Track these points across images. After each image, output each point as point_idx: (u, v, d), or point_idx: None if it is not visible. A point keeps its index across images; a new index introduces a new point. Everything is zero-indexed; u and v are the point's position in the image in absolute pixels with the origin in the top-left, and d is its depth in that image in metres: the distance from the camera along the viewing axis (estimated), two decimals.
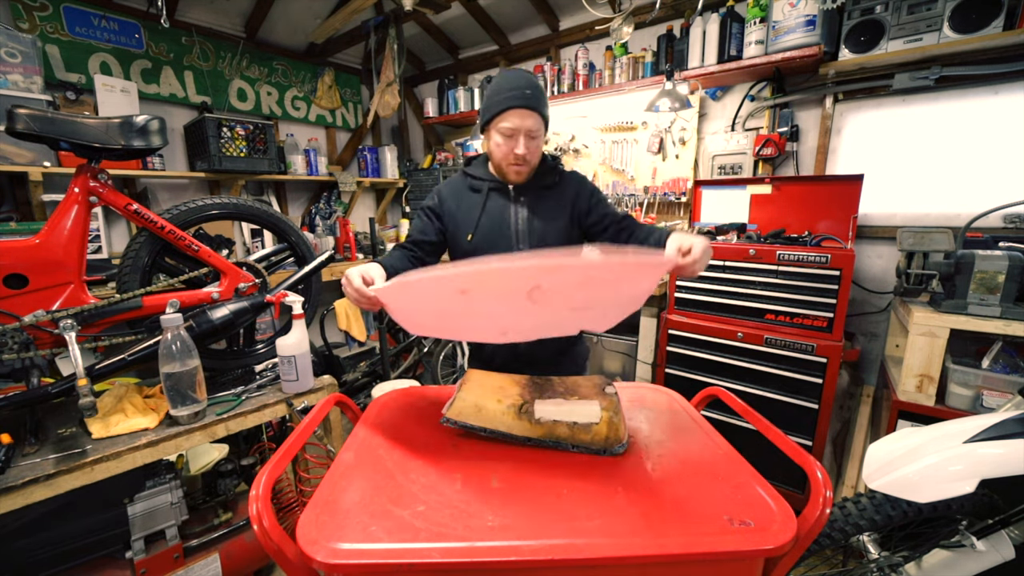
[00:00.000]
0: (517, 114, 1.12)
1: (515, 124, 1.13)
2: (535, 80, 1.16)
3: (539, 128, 1.16)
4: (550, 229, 1.22)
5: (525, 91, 1.12)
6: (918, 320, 1.55)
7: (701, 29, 2.31)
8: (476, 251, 1.22)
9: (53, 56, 2.33)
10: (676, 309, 2.15)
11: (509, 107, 1.12)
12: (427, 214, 1.28)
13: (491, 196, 1.24)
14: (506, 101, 1.12)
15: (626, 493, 0.63)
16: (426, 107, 3.63)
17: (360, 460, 0.72)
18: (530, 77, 1.16)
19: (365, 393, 2.90)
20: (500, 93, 1.14)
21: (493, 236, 1.22)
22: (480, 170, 1.27)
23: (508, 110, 1.12)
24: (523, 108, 1.12)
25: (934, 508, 1.03)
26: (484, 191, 1.24)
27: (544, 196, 1.25)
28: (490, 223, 1.22)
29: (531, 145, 1.16)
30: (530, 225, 1.22)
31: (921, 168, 2.06)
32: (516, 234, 1.22)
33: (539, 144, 1.19)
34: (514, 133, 1.14)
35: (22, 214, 2.24)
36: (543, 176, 1.25)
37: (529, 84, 1.13)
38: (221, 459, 1.56)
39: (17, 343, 1.08)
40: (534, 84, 1.14)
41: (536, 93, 1.13)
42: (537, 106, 1.13)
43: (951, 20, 1.74)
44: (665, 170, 2.69)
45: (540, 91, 1.15)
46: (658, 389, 0.99)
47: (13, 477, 0.95)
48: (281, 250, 1.66)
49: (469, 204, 1.25)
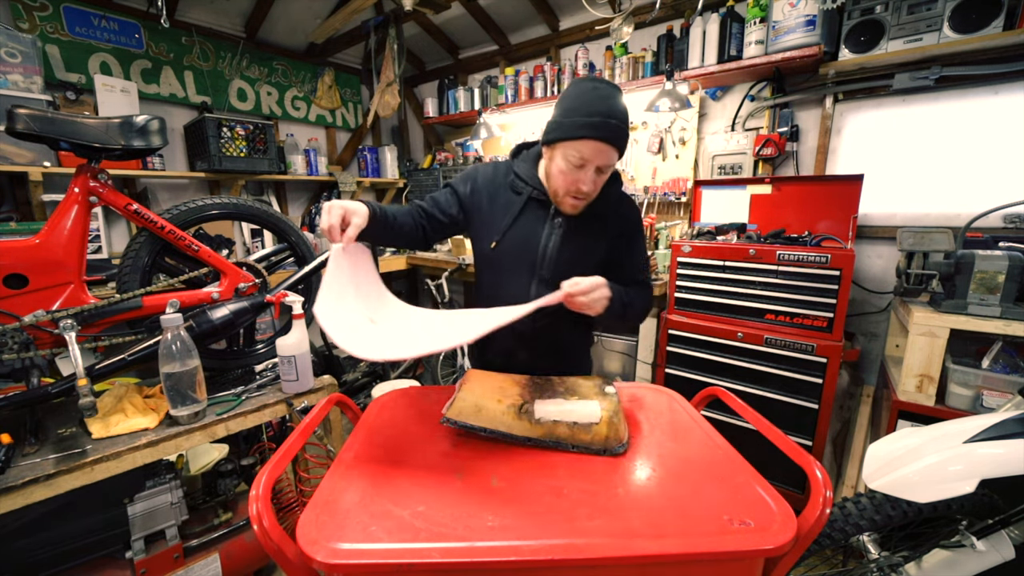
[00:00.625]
0: (594, 147, 0.95)
1: (588, 156, 0.96)
2: (622, 105, 0.96)
3: (613, 163, 0.99)
4: (579, 264, 1.08)
5: (610, 121, 0.93)
6: (918, 320, 1.55)
7: (701, 29, 2.31)
8: (498, 261, 1.13)
9: (53, 56, 2.33)
10: (676, 309, 2.15)
11: (587, 136, 0.94)
12: (453, 196, 1.17)
13: (529, 205, 1.11)
14: (586, 129, 0.94)
15: (626, 493, 0.63)
16: (426, 107, 3.64)
17: (360, 460, 0.72)
18: (618, 101, 0.96)
19: (365, 393, 2.90)
20: (580, 113, 0.95)
21: (517, 250, 1.11)
22: (529, 171, 1.12)
23: (585, 139, 0.95)
24: (603, 143, 0.94)
25: (934, 508, 1.03)
26: (524, 197, 1.11)
27: (586, 226, 1.10)
28: (519, 236, 1.11)
29: (599, 180, 1.01)
30: (559, 254, 1.09)
31: (921, 168, 2.06)
32: (541, 258, 1.10)
33: (605, 180, 1.03)
34: (584, 164, 0.97)
35: (22, 214, 2.24)
36: (592, 201, 1.08)
37: (616, 113, 0.94)
38: (221, 459, 1.56)
39: (17, 343, 1.08)
40: (621, 113, 0.95)
41: (622, 125, 0.95)
42: (620, 142, 0.96)
43: (951, 20, 1.74)
44: (665, 170, 2.69)
45: (626, 120, 0.97)
46: (658, 389, 0.99)
47: (13, 477, 0.95)
48: (281, 250, 1.66)
49: (503, 204, 1.13)
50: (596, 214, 1.09)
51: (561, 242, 1.09)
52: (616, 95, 0.97)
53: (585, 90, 0.97)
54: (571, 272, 1.05)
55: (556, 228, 1.10)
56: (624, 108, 0.97)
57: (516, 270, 1.13)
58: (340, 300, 0.86)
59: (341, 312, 0.83)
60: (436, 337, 0.88)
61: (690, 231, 2.39)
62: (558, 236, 1.09)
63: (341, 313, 0.83)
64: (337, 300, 0.84)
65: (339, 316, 0.81)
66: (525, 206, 1.11)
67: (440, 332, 0.90)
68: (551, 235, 1.10)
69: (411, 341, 0.87)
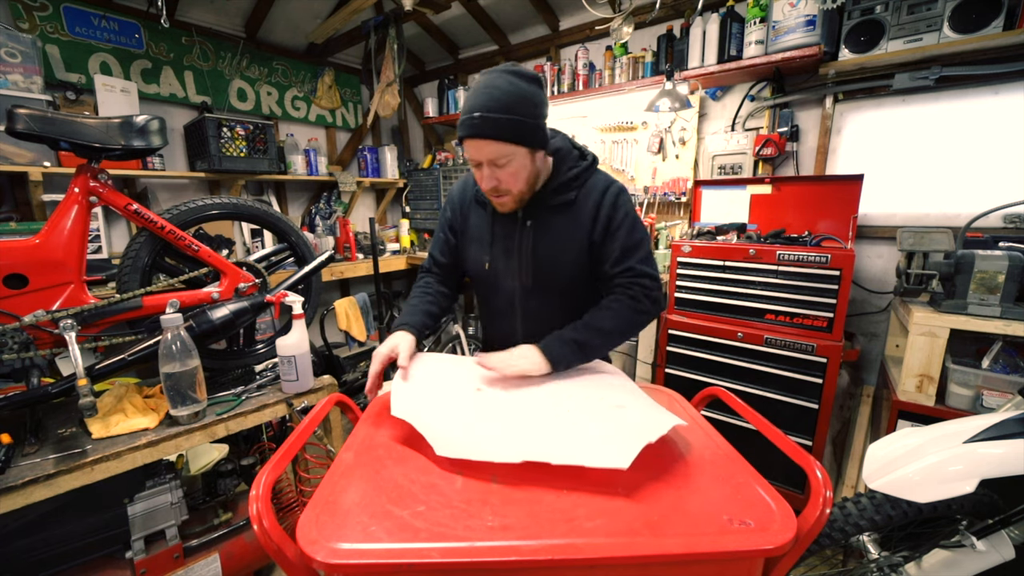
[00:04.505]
0: (471, 145, 0.92)
1: (472, 155, 0.94)
2: (502, 92, 0.88)
3: (505, 154, 0.91)
4: (556, 263, 1.05)
5: (474, 116, 0.88)
6: (918, 320, 1.55)
7: (701, 29, 2.31)
8: (490, 277, 1.12)
9: (53, 56, 2.33)
10: (676, 309, 2.15)
11: (463, 136, 0.92)
12: (445, 230, 1.17)
13: (496, 215, 1.08)
14: (462, 128, 0.91)
15: (626, 493, 0.63)
16: (426, 107, 3.64)
17: (360, 460, 0.72)
18: (496, 88, 0.89)
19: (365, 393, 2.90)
20: (463, 113, 0.91)
21: (502, 264, 1.09)
22: None
23: (464, 140, 0.93)
24: (476, 139, 0.91)
25: (934, 508, 1.03)
26: (489, 208, 1.08)
27: (555, 221, 1.04)
28: (502, 248, 1.09)
29: (501, 174, 0.94)
30: (534, 258, 1.05)
31: (921, 168, 2.06)
32: (519, 265, 1.07)
33: (516, 168, 0.94)
34: (477, 163, 0.95)
35: (22, 214, 2.24)
36: (557, 192, 1.03)
37: (486, 104, 0.88)
38: (221, 459, 1.56)
39: (17, 343, 1.08)
40: (494, 102, 0.88)
41: (490, 115, 0.88)
42: (496, 132, 0.89)
43: (951, 20, 1.74)
44: (665, 170, 2.69)
45: (505, 106, 0.88)
46: (658, 389, 0.99)
47: (13, 477, 0.95)
48: (281, 250, 1.66)
49: (478, 222, 1.12)
50: (561, 204, 1.03)
51: (534, 245, 1.05)
52: (497, 81, 0.89)
53: (475, 86, 0.92)
54: (551, 274, 1.05)
55: (527, 231, 1.05)
56: (506, 92, 0.88)
57: (503, 282, 1.13)
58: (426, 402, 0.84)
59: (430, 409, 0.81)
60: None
61: (690, 231, 2.39)
62: (529, 239, 1.05)
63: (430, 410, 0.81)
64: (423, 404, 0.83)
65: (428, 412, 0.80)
66: (494, 218, 1.08)
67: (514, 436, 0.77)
68: (523, 239, 1.06)
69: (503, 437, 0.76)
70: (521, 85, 0.90)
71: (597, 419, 0.77)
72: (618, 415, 0.77)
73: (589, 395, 0.87)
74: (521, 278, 1.08)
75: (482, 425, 0.77)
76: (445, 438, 0.72)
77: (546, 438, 0.71)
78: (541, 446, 0.68)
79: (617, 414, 0.78)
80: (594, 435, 0.71)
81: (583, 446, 0.68)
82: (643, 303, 1.00)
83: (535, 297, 1.08)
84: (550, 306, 1.03)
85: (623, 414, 0.78)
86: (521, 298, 1.10)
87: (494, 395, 0.88)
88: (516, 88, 0.89)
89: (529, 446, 0.68)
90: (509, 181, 0.96)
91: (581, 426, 0.75)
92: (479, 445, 0.70)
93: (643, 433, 0.68)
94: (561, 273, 1.05)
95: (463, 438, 0.72)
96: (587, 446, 0.67)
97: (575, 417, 0.78)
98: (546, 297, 1.08)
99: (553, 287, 1.07)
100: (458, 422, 0.78)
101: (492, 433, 0.74)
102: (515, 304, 1.12)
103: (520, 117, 0.89)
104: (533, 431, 0.74)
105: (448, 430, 0.75)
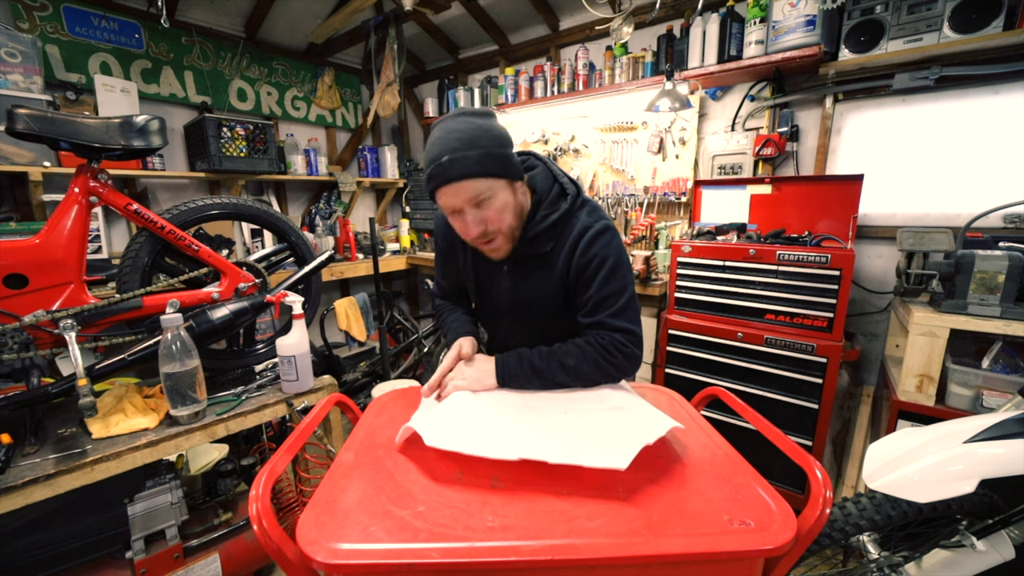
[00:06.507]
0: (447, 192, 0.86)
1: (450, 203, 0.88)
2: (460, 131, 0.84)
3: (483, 190, 0.86)
4: (535, 305, 1.03)
5: (442, 160, 0.83)
6: (918, 320, 1.55)
7: (701, 29, 2.31)
8: (480, 313, 1.19)
9: (53, 56, 2.33)
10: (676, 309, 2.15)
11: (436, 187, 0.87)
12: (439, 260, 1.20)
13: (478, 254, 1.03)
14: (433, 182, 0.86)
15: (626, 493, 0.63)
16: (426, 107, 3.64)
17: (360, 460, 0.72)
18: (451, 133, 0.85)
19: (365, 393, 2.90)
20: (427, 166, 0.87)
21: (487, 304, 1.13)
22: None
23: (437, 190, 0.87)
24: (450, 184, 0.85)
25: (934, 508, 1.03)
26: (469, 250, 1.06)
27: (532, 266, 1.00)
28: (483, 289, 1.11)
29: (486, 214, 0.88)
30: (513, 300, 1.05)
31: (921, 168, 2.06)
32: (500, 306, 1.09)
33: (499, 205, 0.89)
34: (456, 210, 0.89)
35: (22, 214, 2.24)
36: (534, 243, 0.97)
37: (451, 146, 0.83)
38: (221, 459, 1.56)
39: (17, 343, 1.08)
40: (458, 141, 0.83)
41: (458, 155, 0.83)
42: (464, 172, 0.83)
43: (951, 20, 1.74)
44: (665, 170, 2.69)
45: (472, 141, 0.84)
46: (658, 389, 0.99)
47: (13, 477, 0.95)
48: (281, 250, 1.66)
49: (462, 260, 1.12)
50: (543, 252, 0.98)
51: (512, 287, 1.03)
52: (452, 125, 0.86)
53: (431, 139, 0.89)
54: (534, 314, 1.06)
55: (505, 274, 1.03)
56: (465, 132, 0.84)
57: (489, 318, 1.17)
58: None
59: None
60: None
61: (690, 231, 2.39)
62: (508, 281, 1.03)
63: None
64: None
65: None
66: (476, 258, 1.06)
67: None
68: (501, 284, 1.05)
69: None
70: (476, 121, 0.87)
71: (596, 420, 0.77)
72: (617, 416, 0.78)
73: (587, 397, 0.88)
74: (503, 319, 1.12)
75: (480, 423, 0.78)
76: (435, 430, 0.73)
77: (544, 437, 0.71)
78: (539, 445, 0.68)
79: (616, 415, 0.78)
80: (593, 435, 0.71)
81: (582, 446, 0.68)
82: (615, 357, 0.92)
83: (519, 333, 1.11)
84: (535, 340, 1.00)
85: (621, 415, 0.78)
86: (504, 333, 1.15)
87: (494, 395, 0.89)
88: (472, 125, 0.86)
89: (527, 444, 0.68)
90: (495, 220, 0.89)
91: (580, 426, 0.75)
92: (474, 440, 0.70)
93: (642, 434, 0.68)
94: (542, 312, 1.05)
95: (457, 432, 0.73)
96: (586, 446, 0.68)
97: (573, 418, 0.78)
98: (532, 332, 1.08)
99: (536, 324, 1.08)
100: (455, 418, 0.79)
101: (489, 431, 0.74)
102: (501, 336, 1.17)
103: (486, 149, 0.85)
104: (531, 430, 0.74)
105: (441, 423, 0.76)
